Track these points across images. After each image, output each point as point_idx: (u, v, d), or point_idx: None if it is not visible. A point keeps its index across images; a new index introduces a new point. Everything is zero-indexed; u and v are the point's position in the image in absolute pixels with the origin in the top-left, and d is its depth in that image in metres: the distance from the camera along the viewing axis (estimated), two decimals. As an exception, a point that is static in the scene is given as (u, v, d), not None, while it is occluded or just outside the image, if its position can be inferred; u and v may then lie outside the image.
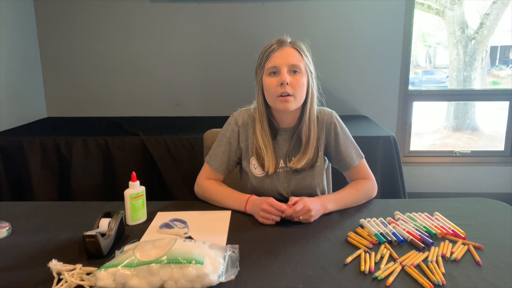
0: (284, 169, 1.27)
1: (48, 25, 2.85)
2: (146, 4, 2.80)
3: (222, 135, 1.31)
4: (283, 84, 1.16)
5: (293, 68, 1.18)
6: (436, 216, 1.11)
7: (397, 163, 2.25)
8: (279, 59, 1.18)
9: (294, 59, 1.18)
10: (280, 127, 1.27)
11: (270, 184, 1.27)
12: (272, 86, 1.18)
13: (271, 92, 1.19)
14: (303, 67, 1.20)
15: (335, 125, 1.28)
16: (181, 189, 2.27)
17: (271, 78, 1.19)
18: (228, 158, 1.29)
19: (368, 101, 2.93)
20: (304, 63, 1.20)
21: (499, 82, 4.43)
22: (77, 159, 2.23)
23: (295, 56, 1.19)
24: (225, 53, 2.87)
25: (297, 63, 1.18)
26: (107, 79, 2.93)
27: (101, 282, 0.75)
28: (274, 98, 1.19)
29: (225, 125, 1.32)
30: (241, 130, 1.29)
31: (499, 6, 3.56)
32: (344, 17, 2.81)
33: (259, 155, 1.25)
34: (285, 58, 1.18)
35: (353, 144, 1.30)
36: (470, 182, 3.02)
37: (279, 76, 1.17)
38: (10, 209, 1.20)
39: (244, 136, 1.28)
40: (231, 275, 0.79)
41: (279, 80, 1.17)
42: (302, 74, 1.19)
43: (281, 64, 1.17)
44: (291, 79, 1.17)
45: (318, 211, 1.12)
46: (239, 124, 1.29)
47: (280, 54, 1.18)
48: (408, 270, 0.83)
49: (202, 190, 1.28)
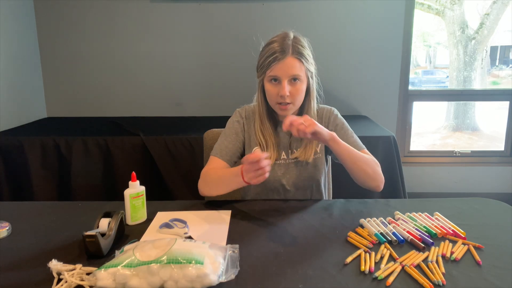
0: (286, 160, 1.30)
1: (48, 25, 2.85)
2: (146, 4, 2.80)
3: (228, 129, 1.33)
4: (283, 97, 1.19)
5: (293, 77, 1.20)
6: (436, 216, 1.11)
7: (397, 163, 2.25)
8: (280, 71, 1.19)
9: (295, 70, 1.19)
10: (280, 120, 1.30)
11: (272, 175, 1.28)
12: (273, 94, 1.22)
13: (271, 98, 1.24)
14: (303, 74, 1.22)
15: (334, 118, 1.31)
16: (181, 189, 2.28)
17: (271, 86, 1.22)
18: (235, 148, 1.30)
19: (368, 101, 2.93)
20: (304, 69, 1.21)
21: (499, 82, 4.43)
22: (77, 159, 2.23)
23: (296, 66, 1.19)
24: (225, 53, 2.87)
25: (298, 72, 1.19)
26: (107, 79, 2.93)
27: (101, 282, 0.75)
28: (274, 103, 1.24)
29: (229, 120, 1.35)
30: (245, 122, 1.32)
31: (499, 6, 3.56)
32: (344, 17, 2.81)
33: (261, 147, 1.28)
34: (286, 70, 1.19)
35: (353, 136, 1.30)
36: (470, 182, 3.02)
37: (279, 87, 1.19)
38: (10, 209, 1.20)
39: (248, 128, 1.32)
40: (231, 275, 0.79)
41: (279, 92, 1.19)
42: (302, 81, 1.22)
43: (282, 75, 1.19)
44: (291, 89, 1.20)
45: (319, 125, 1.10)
46: (243, 117, 1.33)
47: (281, 65, 1.18)
48: (408, 270, 0.83)
49: (204, 177, 1.24)
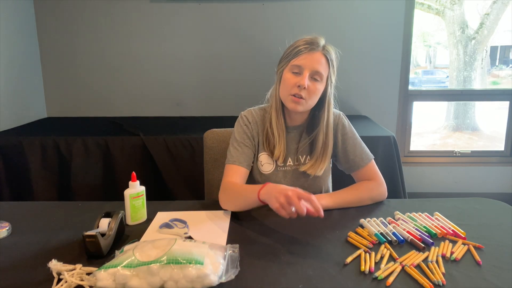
0: (292, 167, 1.28)
1: (48, 25, 2.85)
2: (146, 4, 2.80)
3: (238, 134, 1.27)
4: (300, 87, 1.16)
5: (315, 74, 1.17)
6: (436, 216, 1.11)
7: (397, 163, 2.25)
8: (305, 61, 1.16)
9: (320, 66, 1.17)
10: (288, 125, 1.28)
11: (276, 181, 1.27)
12: (290, 83, 1.18)
13: (287, 87, 1.19)
14: (326, 76, 1.20)
15: (343, 126, 1.29)
16: (181, 189, 2.28)
17: (291, 75, 1.18)
18: (250, 152, 1.26)
19: (368, 101, 2.93)
20: (328, 72, 1.20)
21: (499, 82, 4.44)
22: (77, 159, 2.23)
23: (322, 63, 1.18)
24: (225, 53, 2.87)
25: (321, 71, 1.17)
26: (107, 79, 2.93)
27: (101, 283, 0.74)
28: (287, 94, 1.19)
29: (237, 125, 1.30)
30: (252, 126, 1.28)
31: (499, 6, 3.56)
32: (344, 17, 2.81)
33: (270, 142, 1.25)
34: (311, 62, 1.16)
35: (361, 145, 1.29)
36: (470, 182, 3.02)
37: (300, 78, 1.17)
38: (10, 209, 1.20)
39: (255, 133, 1.28)
40: (231, 275, 0.79)
41: (298, 82, 1.16)
42: (322, 83, 1.19)
43: (306, 67, 1.16)
44: (310, 85, 1.17)
45: None
46: (250, 121, 1.28)
47: (308, 56, 1.17)
48: (408, 270, 0.83)
49: (225, 191, 1.18)
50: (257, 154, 1.28)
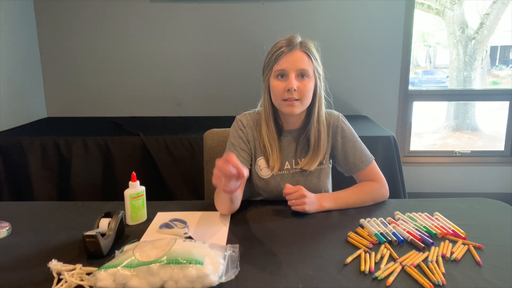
0: (290, 170, 1.27)
1: (48, 25, 2.85)
2: (146, 4, 2.80)
3: (234, 138, 1.27)
4: (290, 91, 1.15)
5: (301, 72, 1.16)
6: (436, 216, 1.11)
7: (397, 163, 2.25)
8: (287, 63, 1.16)
9: (303, 64, 1.16)
10: (285, 129, 1.27)
11: (275, 185, 1.26)
12: (279, 90, 1.17)
13: (277, 95, 1.18)
14: (312, 71, 1.18)
15: (342, 128, 1.27)
16: (181, 189, 2.28)
17: (278, 82, 1.17)
18: (247, 155, 1.25)
19: (368, 101, 2.93)
20: (312, 67, 1.19)
21: (499, 82, 4.43)
22: (77, 159, 2.23)
23: (304, 60, 1.17)
24: (225, 53, 2.87)
25: (306, 67, 1.16)
26: (107, 79, 2.93)
27: (101, 283, 0.74)
28: (280, 101, 1.18)
29: (232, 129, 1.30)
30: (248, 131, 1.27)
31: (499, 6, 3.56)
32: (344, 17, 2.81)
33: (265, 153, 1.24)
34: (293, 62, 1.15)
35: (362, 147, 1.28)
36: (470, 182, 3.02)
37: (287, 81, 1.15)
38: (10, 209, 1.20)
39: (251, 137, 1.27)
40: (231, 275, 0.79)
41: (286, 86, 1.15)
42: (310, 78, 1.18)
43: (290, 69, 1.15)
44: (299, 84, 1.16)
45: (313, 203, 1.12)
46: (245, 125, 1.28)
47: (289, 58, 1.16)
48: (408, 270, 0.83)
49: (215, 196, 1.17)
50: (255, 159, 1.27)
